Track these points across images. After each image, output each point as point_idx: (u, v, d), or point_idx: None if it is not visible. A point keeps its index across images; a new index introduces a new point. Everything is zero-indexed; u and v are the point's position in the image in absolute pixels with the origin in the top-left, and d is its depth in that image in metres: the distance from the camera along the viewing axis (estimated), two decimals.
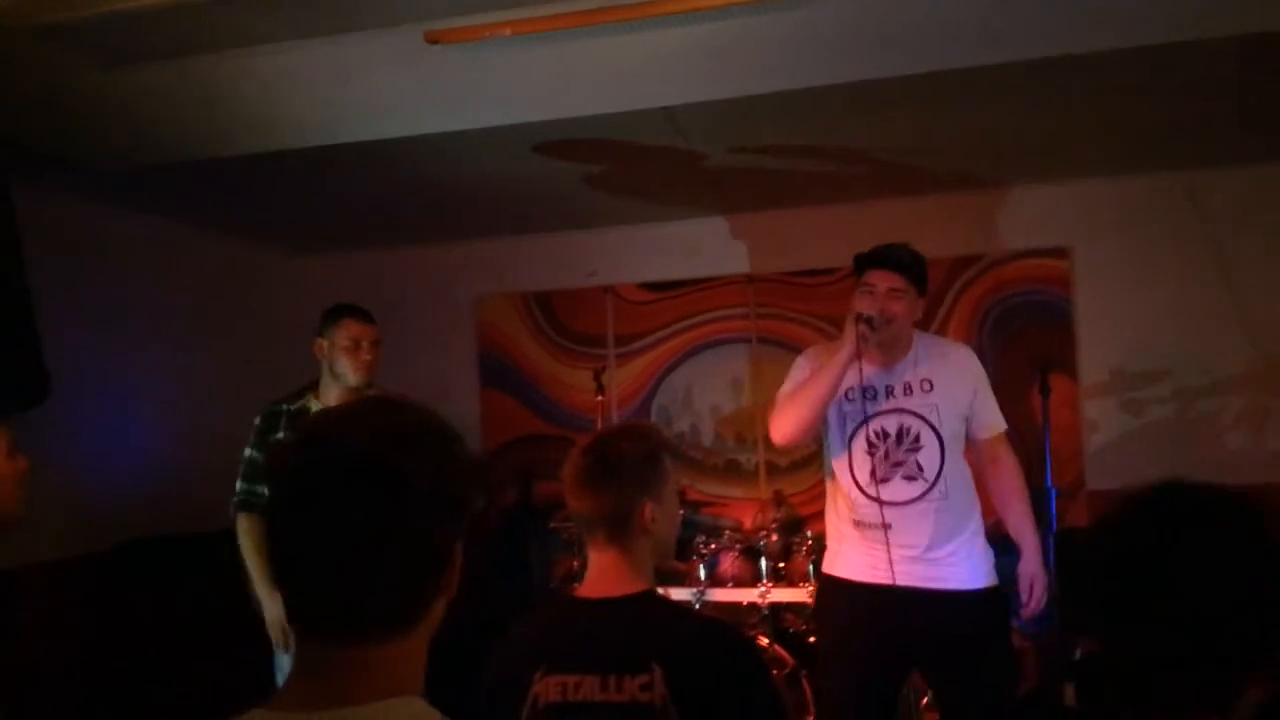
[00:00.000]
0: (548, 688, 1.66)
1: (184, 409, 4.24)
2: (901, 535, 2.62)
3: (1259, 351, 4.20)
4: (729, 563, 3.61)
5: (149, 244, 4.29)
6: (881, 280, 2.69)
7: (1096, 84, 3.23)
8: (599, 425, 3.47)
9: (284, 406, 3.20)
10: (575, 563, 3.79)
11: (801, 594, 3.42)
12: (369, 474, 0.97)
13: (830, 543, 2.85)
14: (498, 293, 5.05)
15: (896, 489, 2.65)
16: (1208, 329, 4.25)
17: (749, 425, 4.69)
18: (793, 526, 4.48)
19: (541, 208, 4.53)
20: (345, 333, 3.16)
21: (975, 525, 2.73)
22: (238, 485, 3.18)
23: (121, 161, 3.33)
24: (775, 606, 3.51)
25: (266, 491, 2.92)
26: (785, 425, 2.70)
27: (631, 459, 1.76)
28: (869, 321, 2.61)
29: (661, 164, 3.84)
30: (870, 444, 2.70)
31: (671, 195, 4.34)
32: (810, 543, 3.50)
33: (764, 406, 4.66)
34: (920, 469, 2.66)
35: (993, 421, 2.78)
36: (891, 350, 2.72)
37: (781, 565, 3.71)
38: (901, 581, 2.59)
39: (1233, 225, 4.25)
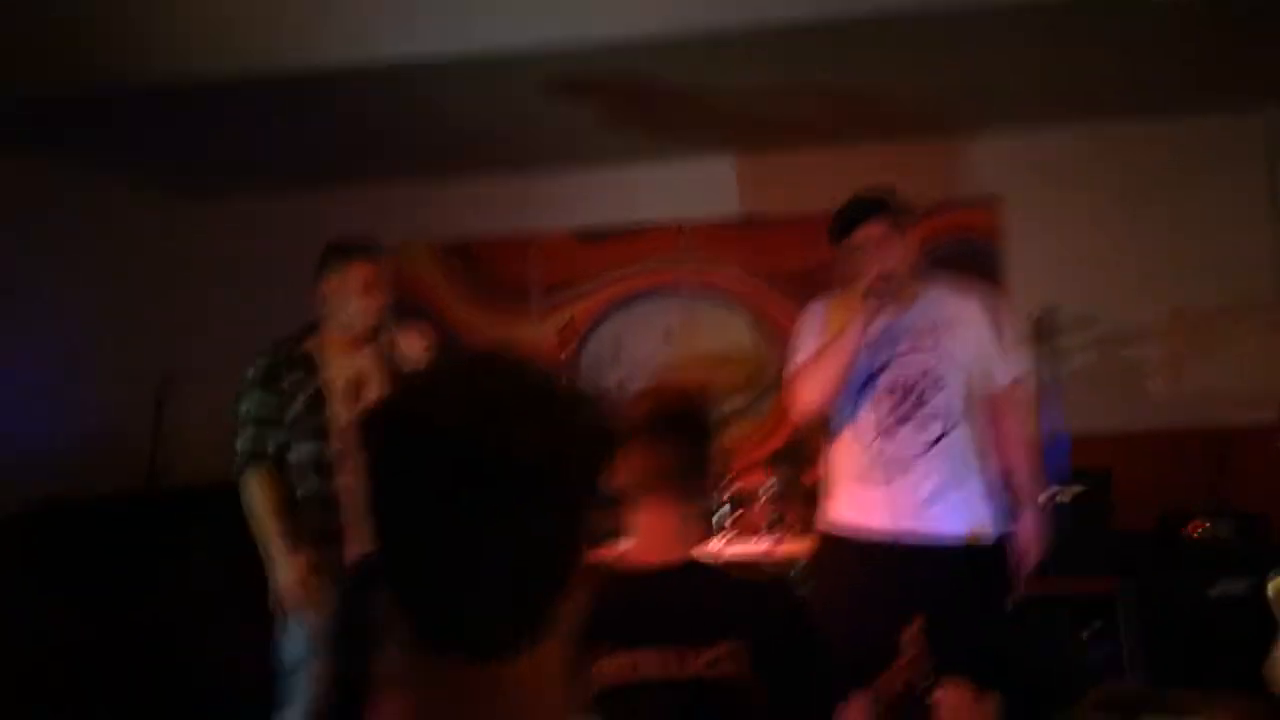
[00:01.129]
0: (607, 667, 1.49)
1: (74, 365, 3.81)
2: (912, 484, 2.55)
3: (1177, 302, 4.34)
4: None
5: (28, 181, 3.81)
6: (868, 234, 2.61)
7: (1034, 33, 3.23)
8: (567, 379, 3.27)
9: (284, 352, 2.96)
10: None
11: (759, 548, 3.33)
12: (483, 452, 0.79)
13: (833, 496, 2.75)
14: (412, 240, 4.75)
15: (910, 437, 2.57)
16: (1130, 279, 4.36)
17: (680, 379, 4.57)
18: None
19: (470, 145, 4.26)
20: (358, 275, 2.96)
21: (986, 476, 2.67)
22: (241, 441, 2.89)
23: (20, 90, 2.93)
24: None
25: (275, 441, 2.63)
26: (811, 398, 2.60)
27: (709, 412, 1.63)
28: (884, 281, 2.54)
29: (624, 100, 3.65)
30: (884, 392, 2.62)
31: (624, 132, 4.13)
32: (771, 495, 3.40)
33: (697, 360, 4.61)
34: (935, 416, 2.60)
35: (1009, 369, 2.71)
36: (898, 297, 2.62)
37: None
38: (910, 532, 2.52)
39: (1156, 178, 4.35)
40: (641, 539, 1.61)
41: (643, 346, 4.61)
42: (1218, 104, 4.15)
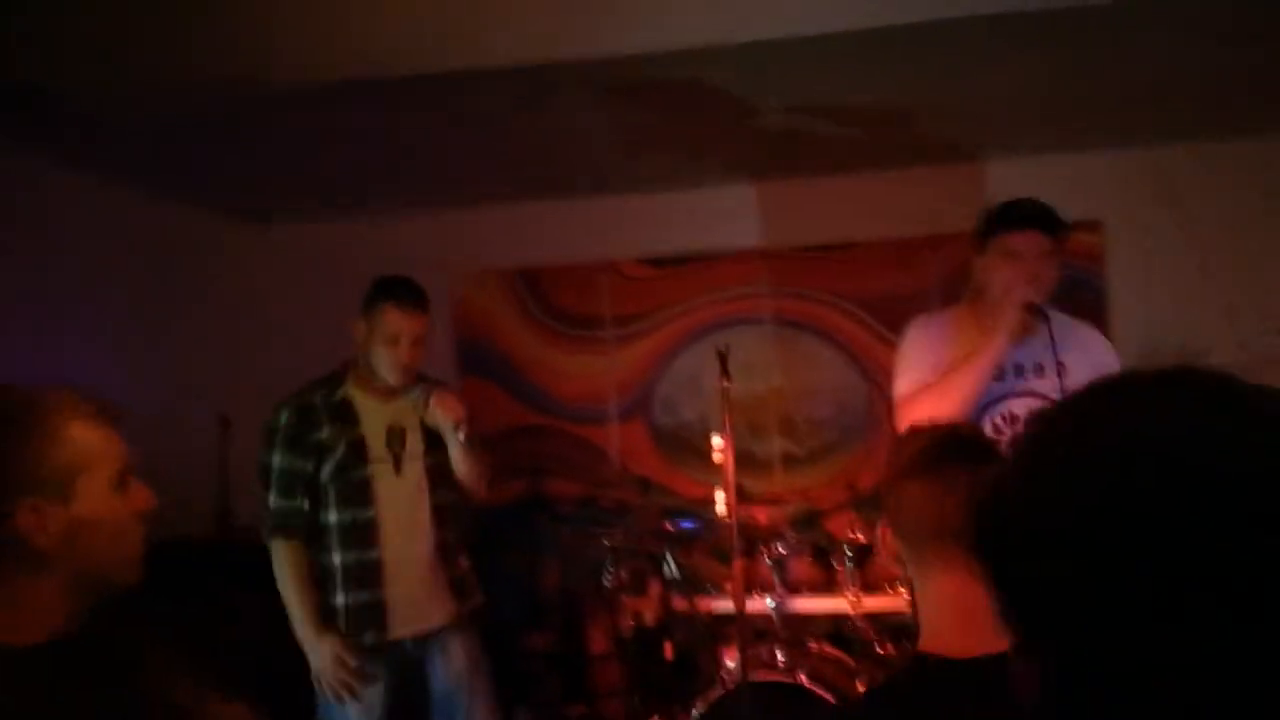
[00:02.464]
0: None
1: (137, 405, 3.51)
2: None
3: None
4: (801, 567, 3.20)
5: (82, 206, 3.54)
6: (1030, 244, 2.34)
7: (1131, 40, 2.95)
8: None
9: (317, 398, 2.65)
10: (623, 574, 3.31)
11: (897, 601, 3.04)
12: None
13: None
14: (477, 268, 4.49)
15: None
16: (1244, 307, 4.11)
17: (764, 413, 4.30)
18: (807, 522, 4.15)
19: (538, 170, 4.01)
20: (386, 323, 2.63)
21: None
22: (271, 501, 2.60)
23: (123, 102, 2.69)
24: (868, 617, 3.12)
25: (307, 502, 2.31)
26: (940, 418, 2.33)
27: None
28: (1037, 310, 2.29)
29: (704, 120, 3.40)
30: (995, 429, 2.36)
31: (698, 157, 3.89)
32: None
33: (781, 393, 4.34)
34: None
35: None
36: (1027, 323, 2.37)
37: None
38: None
39: (1271, 198, 4.12)
40: (948, 618, 1.24)
41: None
42: None
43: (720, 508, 3.00)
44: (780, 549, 3.17)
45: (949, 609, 1.25)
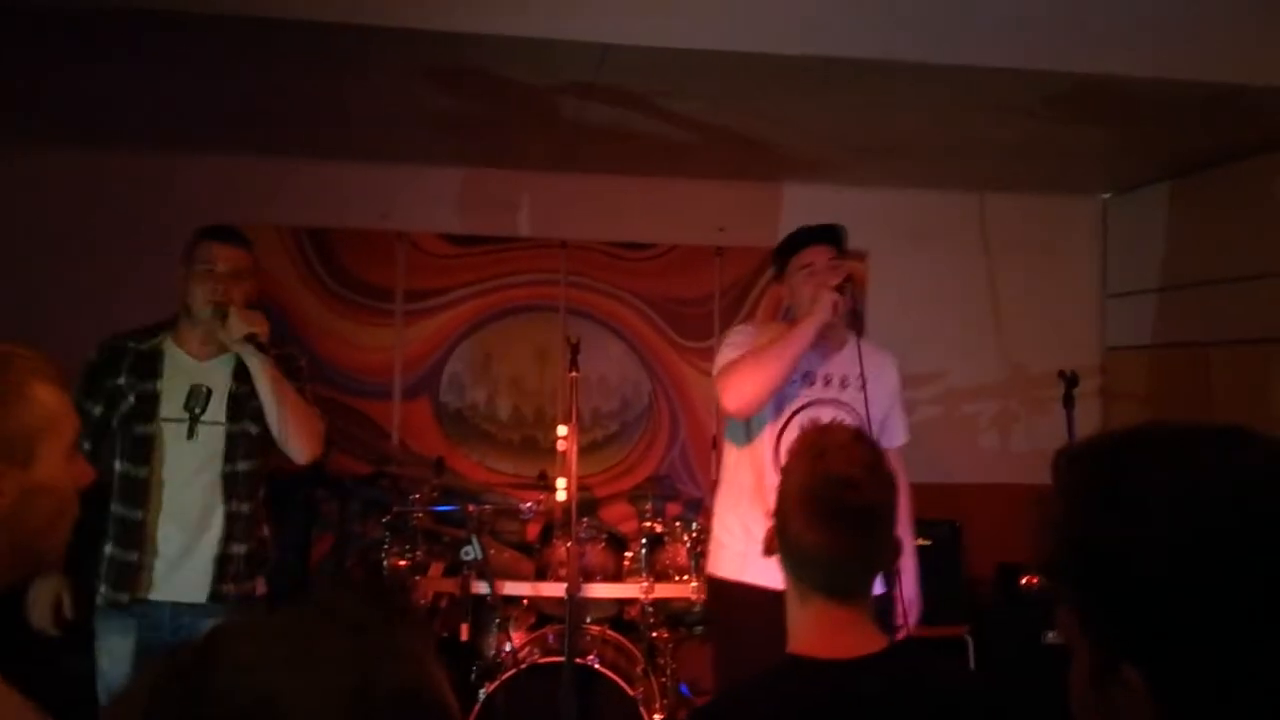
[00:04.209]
0: None
1: None
2: None
3: (1012, 361, 4.68)
4: (595, 554, 3.28)
5: None
6: (821, 256, 2.63)
7: (919, 95, 3.27)
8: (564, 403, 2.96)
9: (129, 344, 2.52)
10: (419, 552, 3.25)
11: (684, 589, 3.19)
12: None
13: (732, 542, 2.63)
14: (258, 223, 4.21)
15: None
16: (974, 339, 4.66)
17: (551, 400, 4.36)
18: (583, 511, 4.26)
19: (340, 128, 3.83)
20: (199, 254, 2.53)
21: None
22: None
23: None
24: (657, 602, 3.24)
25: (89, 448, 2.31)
26: (748, 389, 2.47)
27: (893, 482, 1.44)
28: (841, 289, 2.52)
29: (518, 107, 3.39)
30: (796, 429, 2.57)
31: (506, 141, 3.86)
32: (694, 535, 3.27)
33: (565, 381, 4.38)
34: None
35: (900, 433, 2.80)
36: (829, 337, 2.62)
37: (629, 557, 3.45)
38: None
39: (1004, 246, 4.69)
40: (826, 630, 1.37)
41: (513, 363, 4.35)
42: (1062, 185, 4.54)
43: (560, 494, 3.02)
44: (579, 535, 3.24)
45: (823, 621, 1.38)
